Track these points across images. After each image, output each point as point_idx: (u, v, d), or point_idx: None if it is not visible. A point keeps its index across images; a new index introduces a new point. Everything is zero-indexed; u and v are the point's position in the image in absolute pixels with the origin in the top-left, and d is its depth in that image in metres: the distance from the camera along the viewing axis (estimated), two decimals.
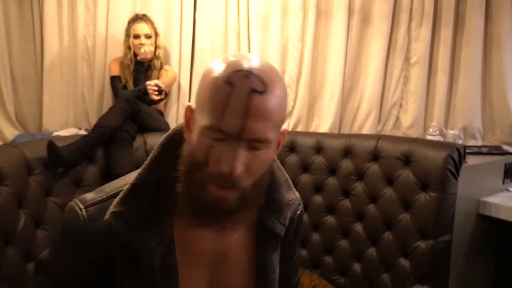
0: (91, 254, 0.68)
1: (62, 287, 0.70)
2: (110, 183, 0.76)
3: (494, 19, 2.24)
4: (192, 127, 0.65)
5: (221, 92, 0.59)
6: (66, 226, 0.71)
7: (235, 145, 0.60)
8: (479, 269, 1.96)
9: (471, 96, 2.29)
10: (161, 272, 0.68)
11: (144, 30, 2.16)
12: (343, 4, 2.26)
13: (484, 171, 1.98)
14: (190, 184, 0.64)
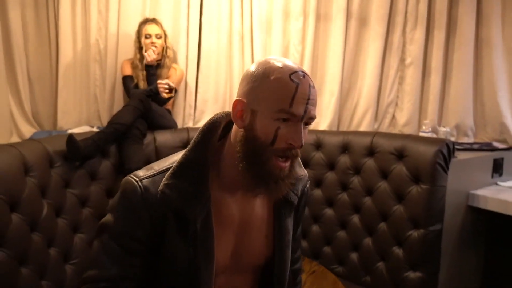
0: (147, 217, 0.83)
1: (122, 244, 0.84)
2: (157, 162, 0.92)
3: (485, 22, 2.31)
4: (245, 117, 0.81)
5: (289, 86, 0.78)
6: (126, 195, 0.84)
7: (298, 124, 0.79)
8: (469, 257, 2.06)
9: (463, 95, 2.36)
10: (202, 233, 0.84)
11: (155, 31, 2.27)
12: (341, 8, 2.35)
13: (473, 165, 2.08)
14: (254, 159, 0.80)
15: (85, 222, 1.78)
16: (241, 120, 0.82)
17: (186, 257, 0.83)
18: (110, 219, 0.87)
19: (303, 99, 0.78)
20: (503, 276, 2.03)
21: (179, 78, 2.36)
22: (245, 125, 0.81)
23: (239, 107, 0.82)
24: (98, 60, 2.41)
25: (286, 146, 0.79)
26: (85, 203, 1.81)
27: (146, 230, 0.83)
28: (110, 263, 0.84)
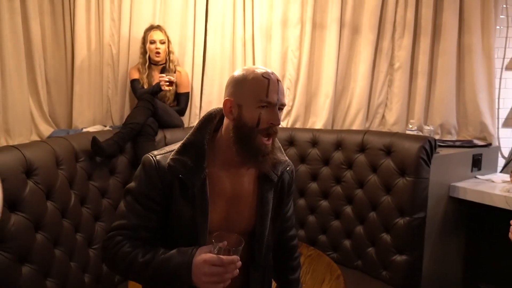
0: (159, 182, 1.07)
1: (142, 203, 1.07)
2: (169, 146, 1.16)
3: (466, 30, 2.47)
4: (233, 111, 1.06)
5: (263, 82, 1.04)
6: (145, 166, 1.10)
7: (274, 108, 1.05)
8: (451, 242, 2.26)
9: (447, 97, 2.52)
10: (199, 196, 1.07)
11: (159, 37, 2.44)
12: (335, 17, 2.52)
13: (454, 160, 2.28)
14: (245, 140, 1.04)
15: (105, 212, 1.97)
16: (231, 114, 1.06)
17: (187, 213, 1.07)
18: (132, 185, 1.11)
19: (274, 90, 1.04)
20: (482, 259, 2.23)
21: (186, 80, 2.55)
22: (235, 117, 1.06)
23: (228, 104, 1.06)
24: (110, 64, 2.58)
25: (268, 126, 1.04)
26: (105, 194, 1.99)
27: (160, 192, 1.07)
28: (132, 216, 1.08)
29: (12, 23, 2.20)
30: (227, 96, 1.08)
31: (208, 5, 2.55)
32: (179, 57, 2.59)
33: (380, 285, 2.04)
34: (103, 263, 1.31)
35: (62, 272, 1.59)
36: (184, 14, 2.58)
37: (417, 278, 2.05)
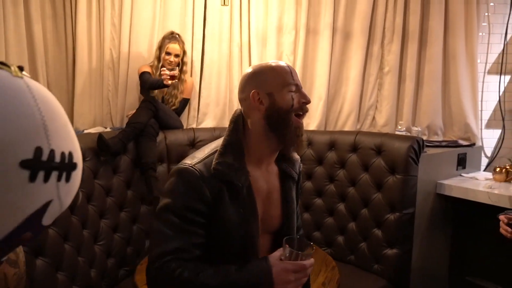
0: (207, 192, 1.01)
1: (188, 219, 1.00)
2: (196, 153, 1.10)
3: (451, 37, 2.61)
4: (264, 101, 1.06)
5: (285, 69, 1.09)
6: (184, 178, 1.02)
7: (301, 90, 1.09)
8: (438, 236, 2.38)
9: (434, 100, 2.65)
10: (248, 197, 1.06)
11: (175, 50, 2.47)
12: (328, 24, 2.63)
13: (441, 159, 2.40)
14: (283, 124, 1.05)
15: (109, 209, 2.04)
16: (262, 104, 1.06)
17: (238, 217, 1.04)
18: (168, 201, 1.02)
19: (295, 74, 1.10)
20: (468, 252, 2.35)
21: (190, 87, 2.64)
22: (267, 106, 1.06)
23: (256, 96, 1.07)
24: (111, 67, 2.65)
25: (300, 105, 1.07)
26: (109, 192, 2.07)
27: (207, 203, 1.01)
28: (172, 236, 0.99)
29: (17, 27, 2.27)
30: (250, 90, 1.07)
31: (206, 11, 2.64)
32: None
33: (372, 278, 2.15)
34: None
35: (72, 266, 1.67)
36: (183, 19, 2.67)
37: (406, 271, 2.16)
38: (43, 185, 0.42)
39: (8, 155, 0.40)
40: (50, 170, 0.42)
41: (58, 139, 0.44)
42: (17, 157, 0.40)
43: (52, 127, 0.44)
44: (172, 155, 2.39)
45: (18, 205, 0.42)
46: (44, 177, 0.42)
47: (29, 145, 0.41)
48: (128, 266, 2.10)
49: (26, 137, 0.41)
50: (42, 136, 0.42)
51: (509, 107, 2.72)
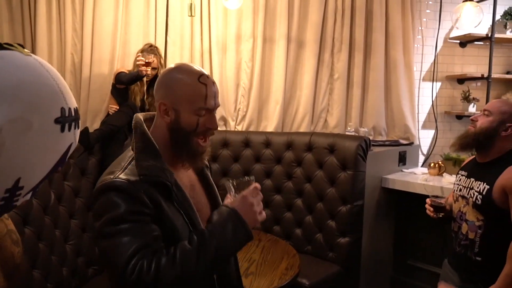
0: (144, 198, 0.94)
1: (134, 219, 0.92)
2: (113, 165, 1.02)
3: (391, 48, 2.89)
4: (170, 114, 1.01)
5: (201, 88, 1.00)
6: (118, 189, 0.93)
7: (212, 113, 1.04)
8: (384, 225, 2.65)
9: (378, 104, 2.92)
10: (179, 195, 1.01)
11: (154, 64, 2.48)
12: (283, 33, 2.82)
13: (385, 157, 2.68)
14: (182, 143, 1.02)
15: (78, 210, 2.09)
16: (167, 116, 1.02)
17: (178, 214, 1.00)
18: (109, 215, 0.92)
19: (211, 95, 1.02)
20: (409, 238, 2.64)
21: None
22: (171, 120, 1.01)
23: (162, 107, 1.01)
24: (72, 71, 2.68)
25: (205, 130, 1.03)
26: (78, 194, 2.12)
27: (149, 206, 0.94)
28: (129, 240, 0.90)
29: None
30: (160, 99, 1.02)
31: (168, 19, 2.74)
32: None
33: (328, 265, 2.36)
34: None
35: (45, 264, 1.72)
36: (146, 25, 2.75)
37: (357, 257, 2.41)
38: (68, 133, 0.59)
39: (45, 116, 0.56)
40: (71, 122, 0.59)
41: (69, 100, 0.60)
42: (51, 116, 0.57)
43: (64, 91, 0.60)
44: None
45: (56, 149, 0.59)
46: (68, 127, 0.59)
47: (56, 107, 0.57)
48: (96, 265, 2.16)
49: (53, 101, 0.57)
50: (61, 98, 0.58)
51: (440, 111, 3.09)
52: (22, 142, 0.55)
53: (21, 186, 0.57)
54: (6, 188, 0.56)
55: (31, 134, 0.55)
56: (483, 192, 1.54)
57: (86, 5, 2.64)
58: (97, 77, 2.66)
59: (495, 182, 1.49)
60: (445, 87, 3.10)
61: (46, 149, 0.58)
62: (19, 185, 0.57)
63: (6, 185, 0.56)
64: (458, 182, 1.71)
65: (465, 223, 1.61)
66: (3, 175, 0.55)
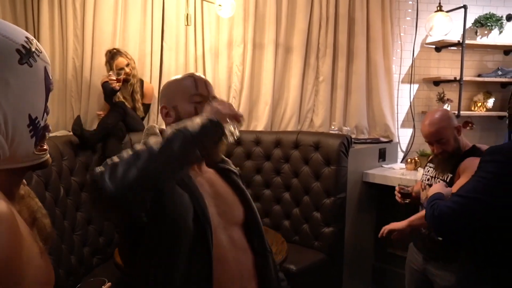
0: None
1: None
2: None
3: (372, 53, 3.10)
4: (171, 114, 1.10)
5: (189, 80, 1.11)
6: None
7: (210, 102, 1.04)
8: (365, 216, 2.86)
9: (360, 105, 3.12)
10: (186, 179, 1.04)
11: (123, 63, 2.65)
12: (272, 39, 3.02)
13: (366, 153, 2.90)
14: None
15: (84, 203, 2.27)
16: (170, 117, 1.10)
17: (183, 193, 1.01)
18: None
19: (203, 84, 1.09)
20: None
21: (151, 93, 2.89)
22: (174, 118, 1.09)
23: (164, 111, 1.12)
24: (73, 75, 2.84)
25: None
26: (83, 188, 2.30)
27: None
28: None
29: None
30: (161, 105, 1.13)
31: (164, 26, 2.92)
32: (138, 71, 2.89)
33: (313, 253, 2.57)
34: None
35: (57, 252, 1.89)
36: (142, 32, 2.92)
37: (341, 245, 2.62)
38: (36, 63, 0.67)
39: (10, 65, 0.63)
40: (31, 55, 0.67)
41: (17, 37, 0.65)
42: (14, 61, 0.64)
43: (8, 33, 0.64)
44: None
45: (38, 79, 0.68)
46: (33, 60, 0.67)
47: (12, 52, 0.64)
48: (100, 254, 2.34)
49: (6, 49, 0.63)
50: (11, 43, 0.64)
51: (418, 111, 3.32)
52: (10, 93, 0.63)
53: (35, 117, 0.68)
54: (27, 124, 0.67)
55: (11, 85, 0.63)
56: (447, 180, 1.75)
57: (86, 11, 2.80)
58: (97, 81, 2.80)
59: (456, 170, 1.71)
60: (422, 89, 3.34)
61: (31, 84, 0.67)
62: (33, 118, 0.68)
63: (25, 122, 0.67)
64: (427, 173, 1.93)
65: None
66: (18, 119, 0.65)
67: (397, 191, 1.99)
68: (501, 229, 1.20)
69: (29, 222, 0.92)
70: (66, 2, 2.79)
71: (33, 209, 0.94)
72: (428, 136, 1.79)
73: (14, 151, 0.67)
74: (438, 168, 1.84)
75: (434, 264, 1.79)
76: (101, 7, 2.83)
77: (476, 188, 1.20)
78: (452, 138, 1.76)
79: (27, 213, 0.92)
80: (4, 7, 2.72)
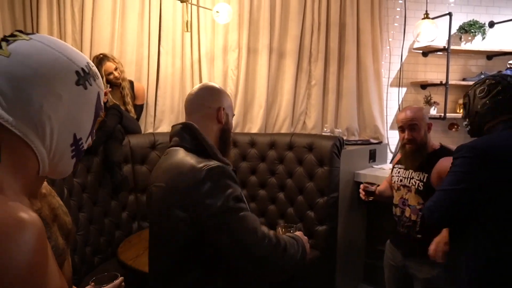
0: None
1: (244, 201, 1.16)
2: (199, 158, 1.19)
3: (362, 58, 3.23)
4: (224, 118, 1.31)
5: (231, 98, 1.39)
6: (225, 173, 1.14)
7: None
8: (357, 215, 2.96)
9: (351, 108, 3.24)
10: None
11: (112, 67, 2.72)
12: (266, 44, 3.11)
13: (357, 154, 3.00)
14: (228, 140, 1.33)
15: (85, 204, 2.33)
16: (222, 119, 1.30)
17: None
18: (229, 191, 1.11)
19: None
20: (379, 226, 2.96)
21: (143, 94, 2.96)
22: (224, 122, 1.29)
23: (222, 112, 1.29)
24: None
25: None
26: (84, 189, 2.35)
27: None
28: (255, 219, 1.14)
29: None
30: (219, 105, 1.29)
31: (161, 30, 3.00)
32: (135, 74, 2.98)
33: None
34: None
35: None
36: (140, 36, 2.99)
37: (333, 243, 2.72)
38: (90, 87, 0.71)
39: (67, 84, 0.67)
40: (88, 78, 0.71)
41: (79, 61, 0.71)
42: (71, 81, 0.68)
43: (71, 56, 0.70)
44: (135, 156, 2.72)
45: (89, 103, 0.72)
46: (89, 83, 0.71)
47: (71, 73, 0.68)
48: (101, 254, 2.39)
49: (66, 69, 0.68)
50: (72, 64, 0.69)
51: None
52: (61, 109, 0.67)
53: (79, 138, 0.72)
54: (70, 143, 0.71)
55: (63, 102, 0.67)
56: (423, 179, 1.87)
57: (85, 16, 2.86)
58: None
59: (431, 170, 1.82)
60: (410, 92, 3.47)
61: (82, 105, 0.71)
62: (77, 138, 0.71)
63: (69, 141, 0.70)
64: (397, 174, 2.03)
65: (408, 208, 1.94)
66: (63, 136, 0.69)
67: (362, 189, 2.09)
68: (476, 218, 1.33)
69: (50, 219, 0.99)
70: (65, 7, 2.84)
71: (54, 207, 1.01)
72: (404, 120, 1.91)
73: (53, 168, 0.71)
74: (406, 161, 1.93)
75: (413, 259, 1.89)
76: (99, 12, 2.89)
77: (451, 181, 1.35)
78: (423, 130, 1.89)
79: (48, 210, 0.99)
80: (3, 11, 2.77)
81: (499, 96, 1.40)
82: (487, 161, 1.28)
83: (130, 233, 2.60)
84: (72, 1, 2.84)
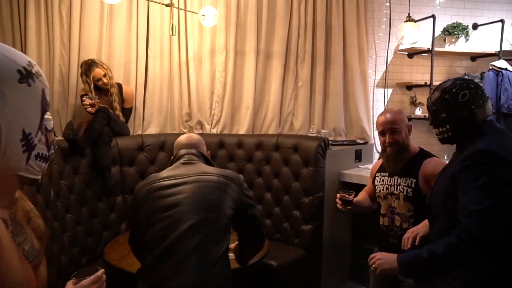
0: None
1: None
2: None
3: (349, 59, 3.28)
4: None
5: None
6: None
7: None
8: (342, 214, 2.96)
9: (337, 108, 3.29)
10: None
11: (100, 73, 2.73)
12: (253, 46, 3.15)
13: (343, 154, 3.05)
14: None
15: (73, 206, 2.36)
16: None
17: None
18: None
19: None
20: (365, 225, 3.01)
21: (131, 97, 2.98)
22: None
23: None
24: (60, 81, 2.90)
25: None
26: (72, 191, 2.38)
27: None
28: None
29: None
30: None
31: (149, 34, 3.03)
32: (124, 77, 3.00)
33: (294, 249, 2.70)
34: None
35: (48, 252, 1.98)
36: (128, 40, 3.01)
37: (319, 241, 2.76)
38: (34, 84, 0.74)
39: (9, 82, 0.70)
40: (31, 76, 0.74)
41: (20, 60, 0.73)
42: (14, 80, 0.71)
43: (12, 55, 0.72)
44: (124, 158, 2.75)
45: (34, 98, 0.74)
46: (32, 80, 0.74)
47: (13, 72, 0.71)
48: (89, 254, 2.42)
49: (8, 68, 0.70)
50: (12, 64, 0.72)
51: None
52: (6, 106, 0.69)
53: (28, 133, 0.73)
54: (20, 138, 0.72)
55: (7, 99, 0.69)
56: (412, 185, 1.86)
57: (73, 20, 2.87)
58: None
59: (418, 174, 1.85)
60: (396, 93, 3.53)
61: (27, 102, 0.73)
62: (26, 133, 0.73)
63: (18, 136, 0.72)
64: (382, 183, 2.00)
65: (398, 216, 1.91)
66: (11, 132, 0.71)
67: (338, 198, 2.05)
68: None
69: (25, 222, 1.03)
70: (53, 11, 2.85)
71: (26, 210, 1.05)
72: (384, 124, 1.89)
73: (6, 162, 0.72)
74: (389, 165, 1.90)
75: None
76: (87, 16, 2.91)
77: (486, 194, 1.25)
78: (403, 132, 1.89)
79: (22, 213, 1.03)
80: None
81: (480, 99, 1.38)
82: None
83: (118, 234, 2.63)
84: (60, 5, 2.86)
